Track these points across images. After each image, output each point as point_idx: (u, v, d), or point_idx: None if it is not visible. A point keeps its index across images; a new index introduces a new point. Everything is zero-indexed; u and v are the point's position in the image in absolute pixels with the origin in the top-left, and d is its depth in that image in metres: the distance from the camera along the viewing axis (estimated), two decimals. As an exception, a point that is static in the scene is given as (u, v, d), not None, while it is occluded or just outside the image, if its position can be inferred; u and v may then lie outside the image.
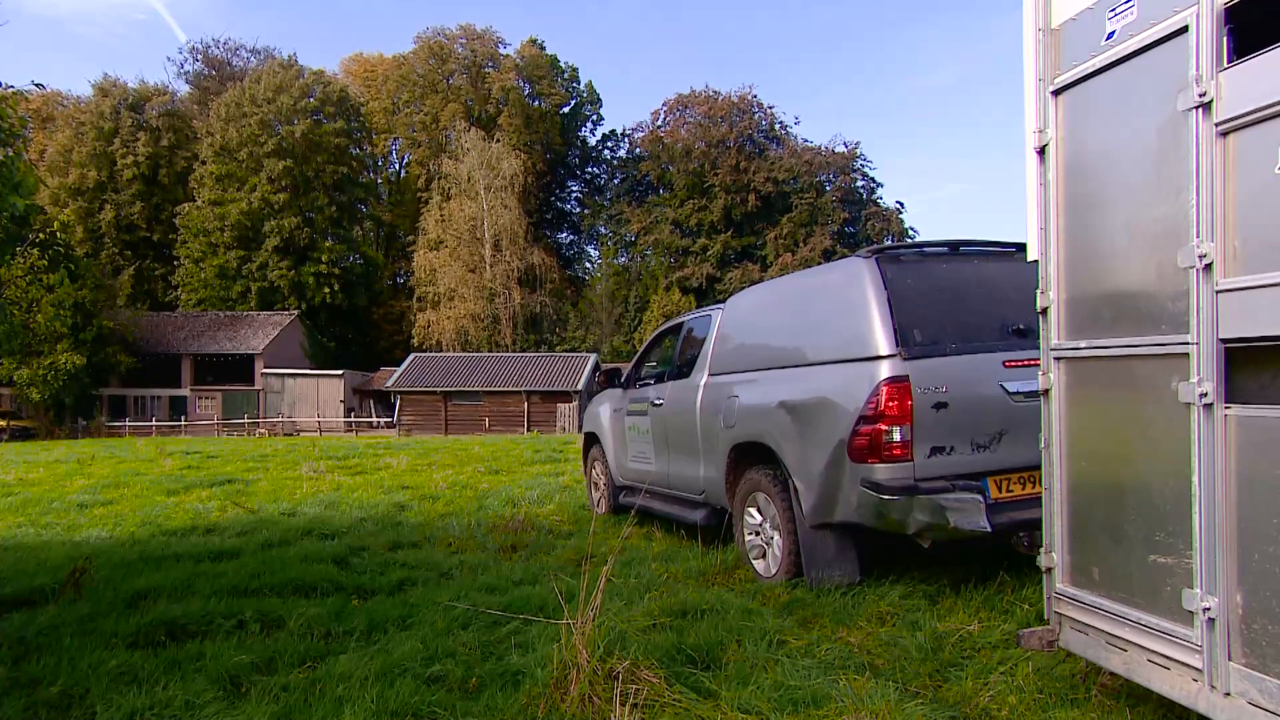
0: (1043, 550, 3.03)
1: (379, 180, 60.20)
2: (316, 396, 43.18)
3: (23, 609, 4.74)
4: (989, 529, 4.02)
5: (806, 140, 55.97)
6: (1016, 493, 3.25)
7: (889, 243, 5.45)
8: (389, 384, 39.38)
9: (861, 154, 57.07)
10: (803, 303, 5.36)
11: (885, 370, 4.26)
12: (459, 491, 10.11)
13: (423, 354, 42.85)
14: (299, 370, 44.37)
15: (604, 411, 7.98)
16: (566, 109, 62.30)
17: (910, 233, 54.78)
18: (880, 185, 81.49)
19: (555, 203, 64.68)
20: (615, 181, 63.02)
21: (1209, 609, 2.29)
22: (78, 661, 3.71)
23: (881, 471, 4.25)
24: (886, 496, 4.21)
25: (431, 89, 57.99)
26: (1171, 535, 2.41)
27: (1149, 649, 2.51)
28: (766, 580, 5.05)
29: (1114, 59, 2.60)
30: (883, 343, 4.32)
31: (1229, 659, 2.25)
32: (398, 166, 62.87)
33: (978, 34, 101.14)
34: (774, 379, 5.21)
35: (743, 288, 7.62)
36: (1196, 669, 2.34)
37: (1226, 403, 2.24)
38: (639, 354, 7.79)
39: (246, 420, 41.68)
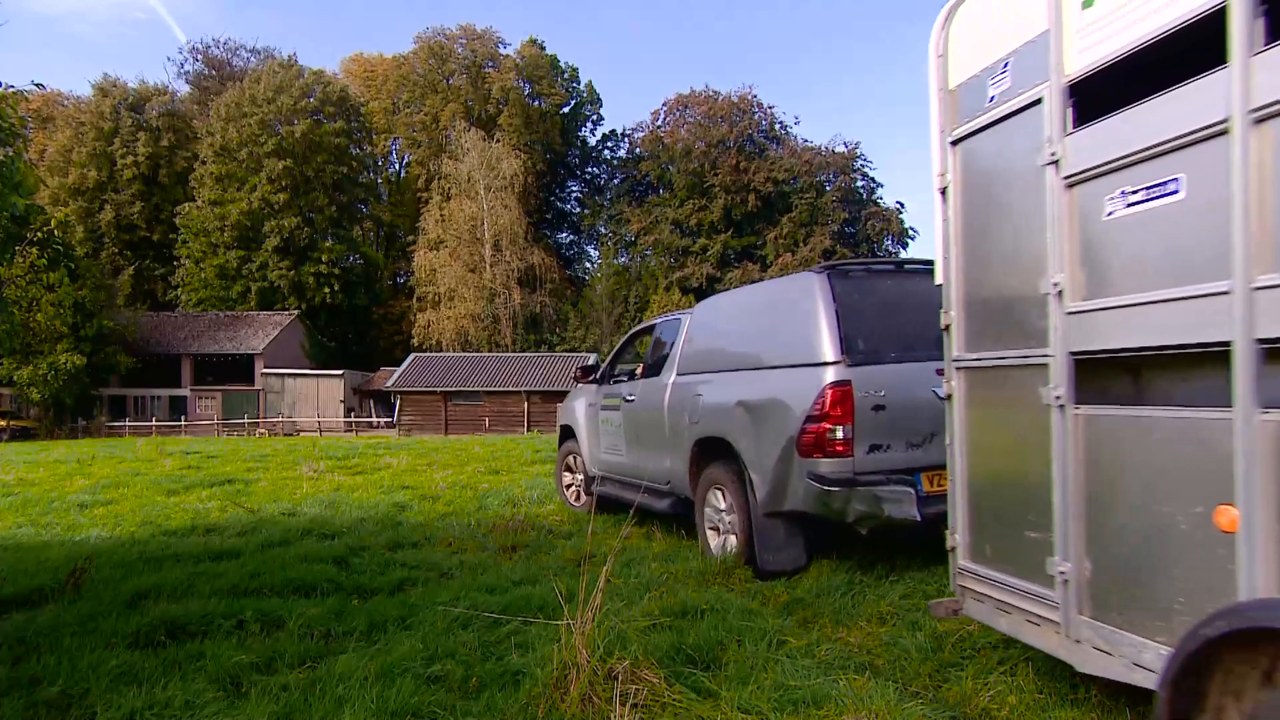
0: (949, 532, 3.47)
1: (379, 180, 60.17)
2: (316, 396, 43.19)
3: (23, 609, 4.74)
4: (919, 519, 4.53)
5: (806, 140, 56.02)
6: (946, 487, 3.60)
7: (839, 260, 6.26)
8: (389, 384, 39.38)
9: (861, 154, 57.09)
10: (762, 311, 5.86)
11: (830, 375, 4.77)
12: (459, 491, 10.11)
13: (423, 354, 42.84)
14: (299, 370, 44.37)
15: (579, 406, 8.39)
16: (566, 109, 62.29)
17: (910, 233, 54.79)
18: (880, 185, 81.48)
19: (555, 203, 64.68)
20: (615, 181, 63.02)
21: (1064, 572, 2.78)
22: (78, 661, 3.71)
23: (825, 465, 4.75)
24: (829, 488, 4.71)
25: (431, 89, 57.98)
26: (1039, 514, 2.91)
27: (1026, 610, 2.99)
28: (724, 560, 5.46)
29: (995, 118, 3.12)
30: (829, 350, 4.82)
31: (1079, 613, 2.75)
32: (398, 166, 62.88)
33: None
34: (734, 380, 5.69)
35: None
36: (1057, 623, 2.82)
37: (1075, 404, 2.74)
38: (613, 353, 8.29)
39: (246, 420, 41.69)
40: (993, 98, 3.14)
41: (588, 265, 63.93)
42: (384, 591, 5.07)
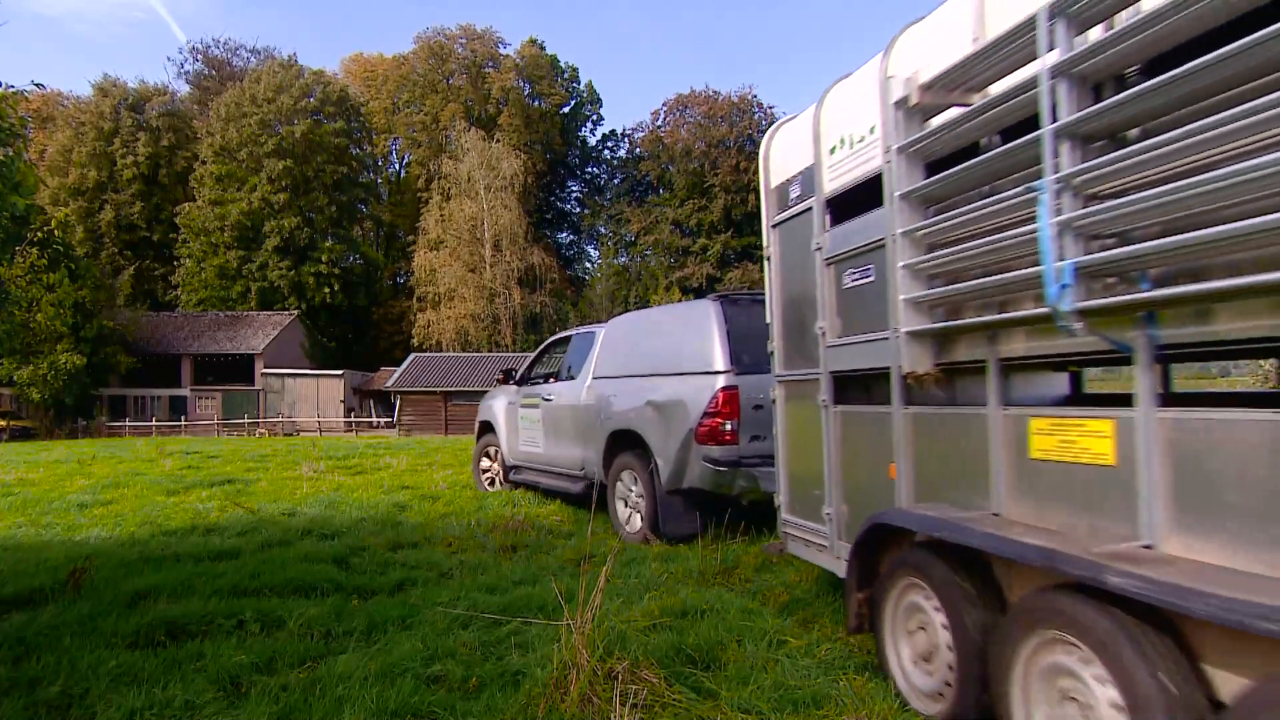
0: (776, 495, 4.76)
1: (379, 180, 60.14)
2: (316, 396, 43.16)
3: (23, 609, 4.74)
4: None
5: (806, 140, 55.84)
6: None
7: (728, 290, 8.53)
8: (389, 384, 39.37)
9: (861, 154, 56.93)
10: (667, 329, 7.12)
11: (722, 381, 6.09)
12: (459, 491, 10.11)
13: (423, 354, 42.81)
14: (299, 370, 44.34)
15: (499, 405, 9.59)
16: (566, 109, 62.28)
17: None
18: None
19: (555, 203, 64.66)
20: (615, 181, 63.02)
21: (830, 514, 4.09)
22: (78, 661, 3.71)
23: (718, 451, 6.09)
24: (720, 469, 6.05)
25: (431, 89, 57.97)
26: (819, 478, 4.18)
27: (815, 541, 4.30)
28: (631, 535, 6.81)
29: (794, 214, 4.38)
30: (721, 362, 6.15)
31: (838, 539, 4.03)
32: (398, 166, 62.85)
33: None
34: (643, 384, 6.93)
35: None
36: (828, 546, 4.14)
37: (834, 405, 4.06)
38: (531, 359, 9.41)
39: (246, 420, 41.67)
40: (793, 199, 4.39)
41: (588, 265, 63.97)
42: (384, 591, 5.08)
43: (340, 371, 44.26)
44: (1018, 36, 2.67)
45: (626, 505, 6.97)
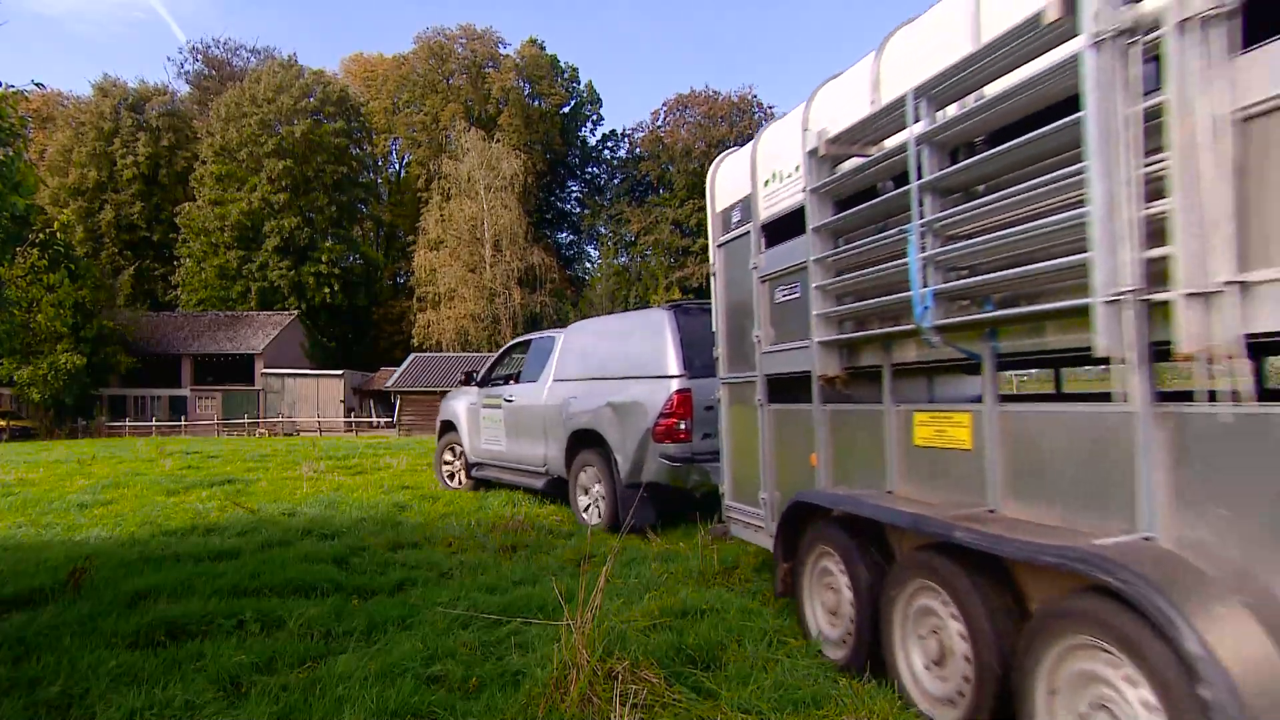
0: (720, 485, 5.35)
1: (379, 180, 60.10)
2: (316, 396, 43.13)
3: (23, 609, 4.74)
4: None
5: (806, 140, 55.83)
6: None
7: (683, 300, 8.82)
8: (389, 384, 39.35)
9: (861, 154, 56.96)
10: (624, 335, 7.62)
11: (676, 385, 6.70)
12: (459, 491, 10.11)
13: (423, 354, 42.79)
14: (299, 370, 44.31)
15: (460, 405, 10.18)
16: (566, 109, 62.25)
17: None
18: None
19: (555, 203, 64.63)
20: (615, 181, 62.98)
21: (765, 498, 4.67)
22: (78, 661, 3.71)
23: (673, 448, 6.68)
24: (675, 464, 6.67)
25: (431, 89, 57.95)
26: (755, 467, 4.79)
27: (753, 524, 4.88)
28: (592, 524, 7.36)
29: (736, 236, 4.97)
30: (675, 366, 6.75)
31: (771, 520, 4.52)
32: (398, 166, 62.82)
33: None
34: (603, 386, 7.49)
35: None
36: (763, 527, 4.70)
37: (768, 404, 4.64)
38: (491, 361, 10.04)
39: (246, 420, 41.65)
40: (735, 223, 4.97)
41: (588, 265, 63.93)
42: (384, 591, 5.08)
43: (340, 371, 44.23)
44: (895, 109, 3.28)
45: (587, 496, 7.63)
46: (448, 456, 10.66)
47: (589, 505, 7.59)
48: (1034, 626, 2.56)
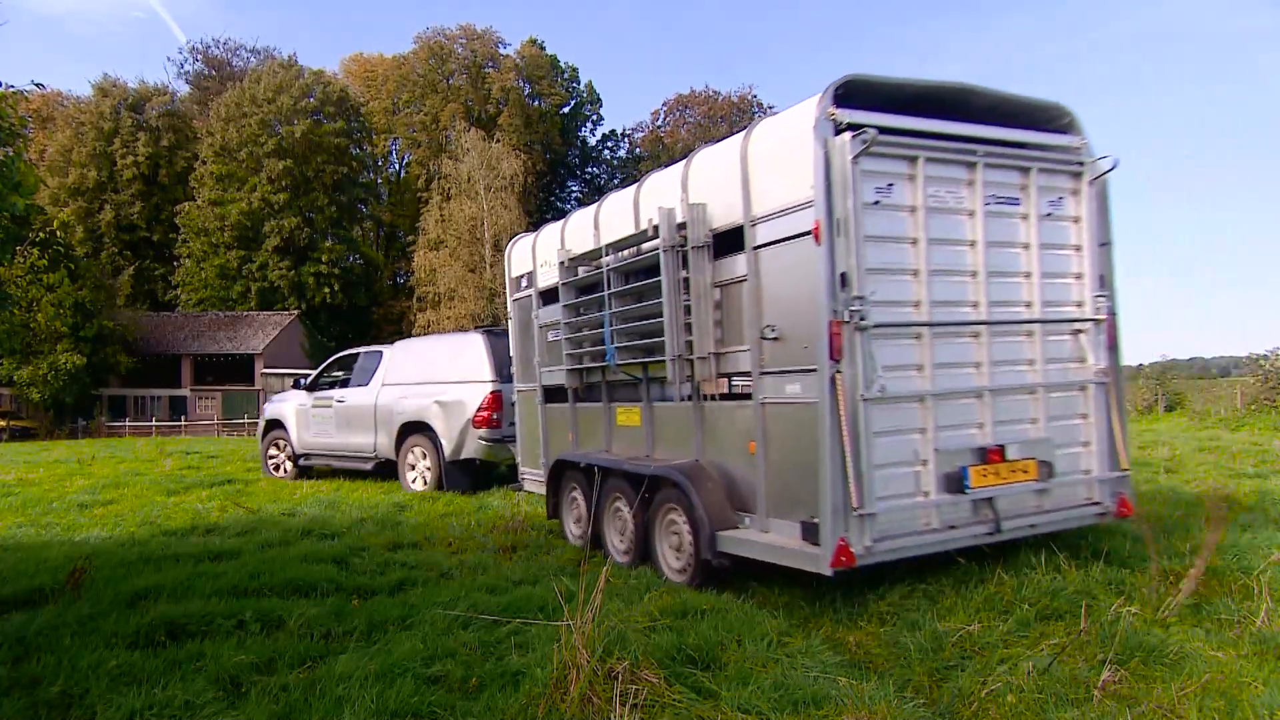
0: (517, 455, 8.24)
1: (379, 180, 60.05)
2: (316, 396, 43.03)
3: (23, 609, 4.73)
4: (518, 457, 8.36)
5: (806, 140, 55.76)
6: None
7: (490, 325, 13.41)
8: (389, 384, 39.32)
9: (861, 154, 56.88)
10: (445, 351, 10.81)
11: (490, 387, 9.72)
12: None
13: (423, 354, 42.74)
14: (299, 370, 44.29)
15: (288, 407, 12.52)
16: (566, 109, 62.21)
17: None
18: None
19: (555, 203, 64.57)
20: (615, 182, 62.92)
21: (544, 461, 7.36)
22: (78, 661, 3.71)
23: (489, 432, 9.67)
24: (491, 443, 9.68)
25: (431, 89, 57.91)
26: (538, 442, 7.54)
27: (536, 478, 7.62)
28: (414, 489, 10.27)
29: (523, 296, 7.69)
30: (488, 374, 9.78)
31: (545, 475, 7.30)
32: (398, 166, 62.77)
33: (982, 31, 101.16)
34: (430, 389, 10.39)
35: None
36: (541, 479, 7.38)
37: (545, 404, 7.36)
38: (319, 370, 12.58)
39: (247, 420, 41.62)
40: (522, 288, 7.67)
41: (588, 265, 63.79)
42: (384, 591, 5.08)
43: (340, 371, 44.16)
44: (596, 254, 6.14)
45: (414, 471, 10.51)
46: (272, 451, 12.79)
47: (415, 478, 10.42)
48: (656, 503, 5.51)
